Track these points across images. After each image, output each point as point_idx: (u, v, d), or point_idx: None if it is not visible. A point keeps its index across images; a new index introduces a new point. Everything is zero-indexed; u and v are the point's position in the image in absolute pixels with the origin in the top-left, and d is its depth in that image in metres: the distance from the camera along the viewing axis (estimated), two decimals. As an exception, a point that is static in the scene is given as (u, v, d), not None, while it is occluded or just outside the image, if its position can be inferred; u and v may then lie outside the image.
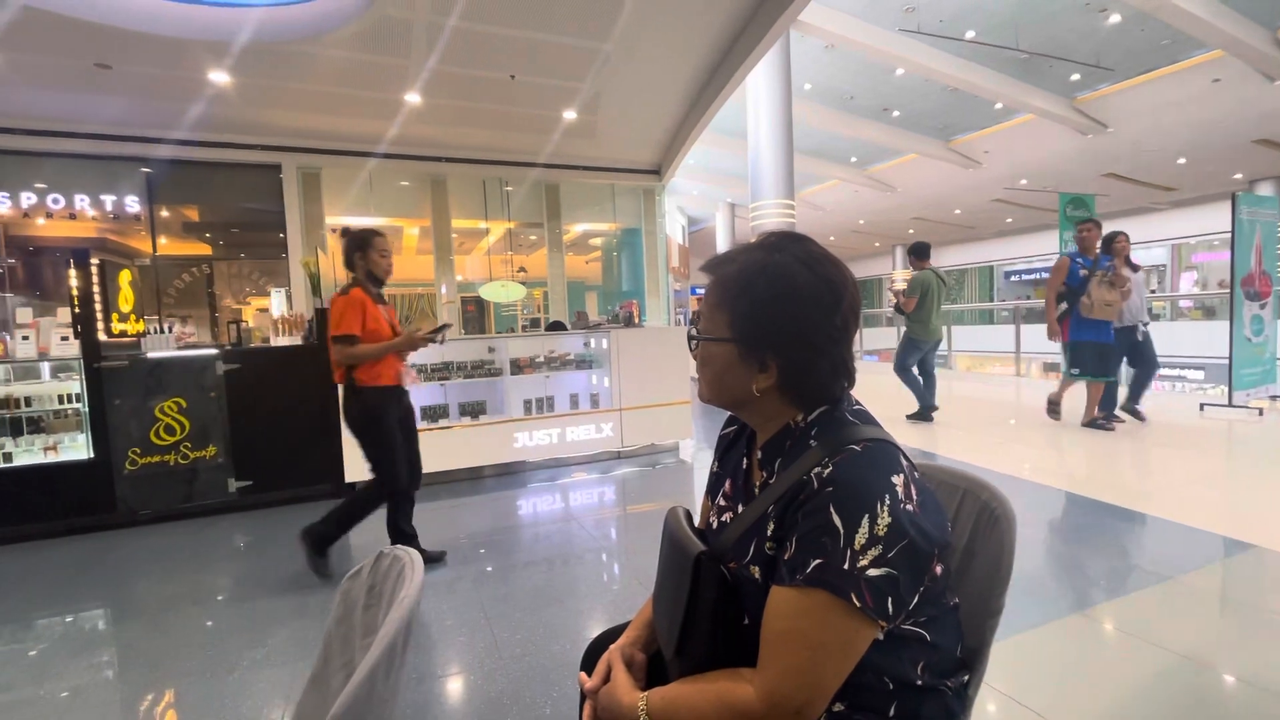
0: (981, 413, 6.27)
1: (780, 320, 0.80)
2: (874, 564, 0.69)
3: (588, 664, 1.05)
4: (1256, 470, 3.85)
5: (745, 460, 0.92)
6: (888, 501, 0.71)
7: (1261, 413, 5.22)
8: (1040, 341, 6.04)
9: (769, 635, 0.73)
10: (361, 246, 2.80)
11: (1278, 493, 3.35)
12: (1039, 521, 3.09)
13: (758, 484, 0.87)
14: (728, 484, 0.94)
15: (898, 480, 0.73)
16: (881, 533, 0.69)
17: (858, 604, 0.68)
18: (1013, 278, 25.27)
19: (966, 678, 0.84)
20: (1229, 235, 5.30)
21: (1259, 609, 2.22)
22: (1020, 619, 2.12)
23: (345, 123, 6.61)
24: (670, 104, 6.79)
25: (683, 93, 6.54)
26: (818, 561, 0.70)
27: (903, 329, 5.81)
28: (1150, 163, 14.86)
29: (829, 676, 0.71)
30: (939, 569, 0.78)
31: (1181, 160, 14.62)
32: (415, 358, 4.51)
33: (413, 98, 6.03)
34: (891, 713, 0.77)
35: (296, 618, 2.44)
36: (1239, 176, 16.12)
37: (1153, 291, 19.82)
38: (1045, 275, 22.78)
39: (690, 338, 0.90)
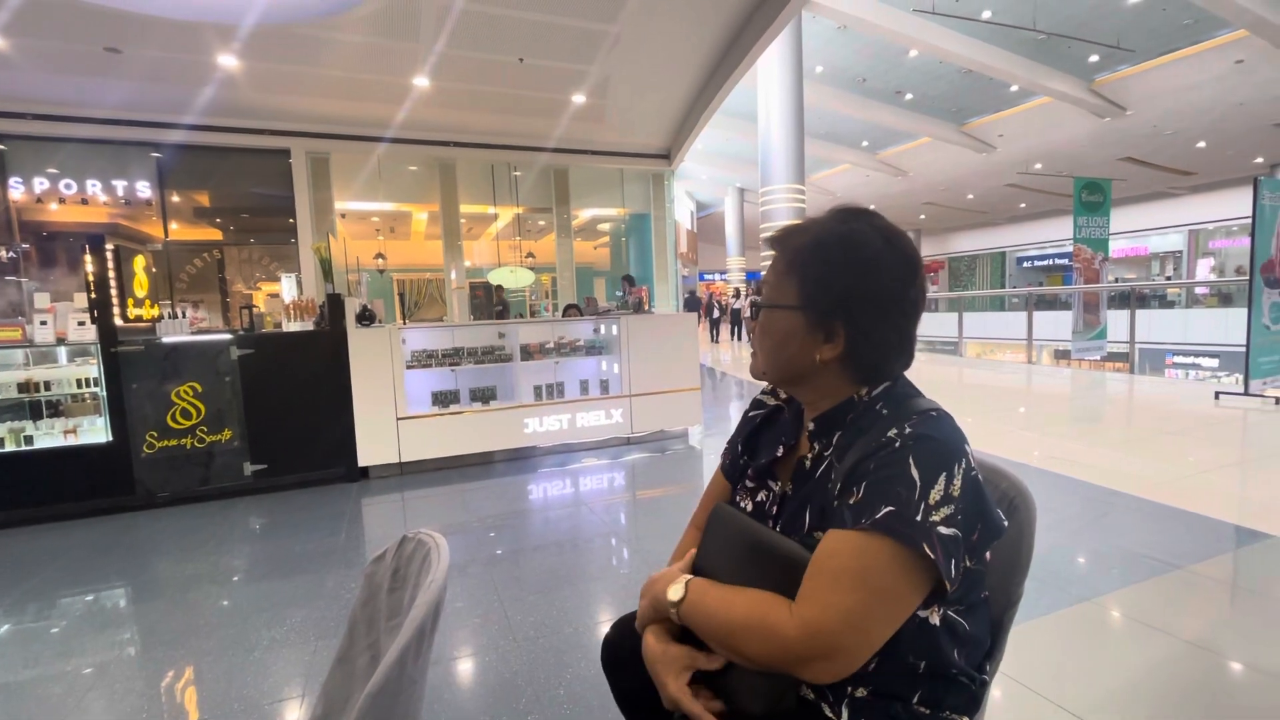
0: (990, 400, 6.24)
1: (855, 288, 0.78)
2: (945, 522, 0.68)
3: (607, 655, 1.03)
4: (1272, 459, 3.81)
5: (785, 438, 0.91)
6: (964, 465, 0.71)
7: (1278, 401, 5.16)
8: (1053, 328, 6.03)
9: (819, 573, 0.69)
10: None
11: (1293, 482, 3.32)
12: (1049, 509, 3.09)
13: (809, 457, 0.85)
14: (758, 463, 0.93)
15: (969, 449, 0.74)
16: (956, 493, 0.69)
17: (930, 555, 0.67)
18: (1025, 264, 25.01)
19: (988, 666, 0.84)
20: (1249, 221, 5.20)
21: (1271, 598, 2.21)
22: (1031, 606, 2.12)
23: (354, 107, 6.58)
24: (680, 87, 6.71)
25: (693, 75, 6.46)
26: (889, 509, 0.68)
27: None
28: (1169, 146, 14.59)
29: (877, 624, 0.68)
30: (988, 555, 0.78)
31: (1201, 144, 14.35)
32: (425, 343, 4.54)
33: (421, 82, 6.00)
34: (915, 700, 0.76)
35: (313, 599, 2.48)
36: (1260, 160, 15.81)
37: (1168, 278, 19.56)
38: (1059, 261, 22.56)
39: (753, 304, 0.88)
